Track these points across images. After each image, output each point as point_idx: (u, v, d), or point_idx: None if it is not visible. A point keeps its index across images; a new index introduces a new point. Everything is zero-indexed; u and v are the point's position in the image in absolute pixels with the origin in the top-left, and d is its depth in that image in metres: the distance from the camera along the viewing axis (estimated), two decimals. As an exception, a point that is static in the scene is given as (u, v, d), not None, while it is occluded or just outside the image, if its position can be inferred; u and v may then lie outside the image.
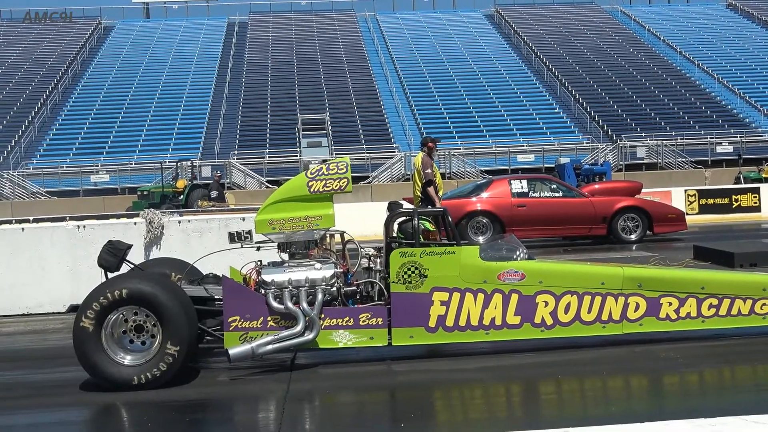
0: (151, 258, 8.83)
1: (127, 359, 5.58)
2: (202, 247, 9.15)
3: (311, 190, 6.05)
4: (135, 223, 9.76)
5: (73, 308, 9.45)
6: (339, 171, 6.09)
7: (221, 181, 25.40)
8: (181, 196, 24.62)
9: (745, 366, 5.92)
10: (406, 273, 5.98)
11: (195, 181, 27.12)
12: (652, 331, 6.25)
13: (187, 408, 5.31)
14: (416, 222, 6.20)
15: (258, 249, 6.50)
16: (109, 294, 5.52)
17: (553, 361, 6.10)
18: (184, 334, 5.55)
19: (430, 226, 6.58)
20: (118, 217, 11.05)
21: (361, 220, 15.28)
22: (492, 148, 34.90)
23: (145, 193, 26.41)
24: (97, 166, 33.74)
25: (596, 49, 46.00)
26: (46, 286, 9.53)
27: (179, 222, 9.88)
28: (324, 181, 6.06)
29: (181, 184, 25.92)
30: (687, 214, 16.67)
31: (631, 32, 49.85)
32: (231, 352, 5.68)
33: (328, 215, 6.08)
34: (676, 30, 49.63)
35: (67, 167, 33.64)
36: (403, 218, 6.46)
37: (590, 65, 43.66)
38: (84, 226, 9.69)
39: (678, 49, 46.26)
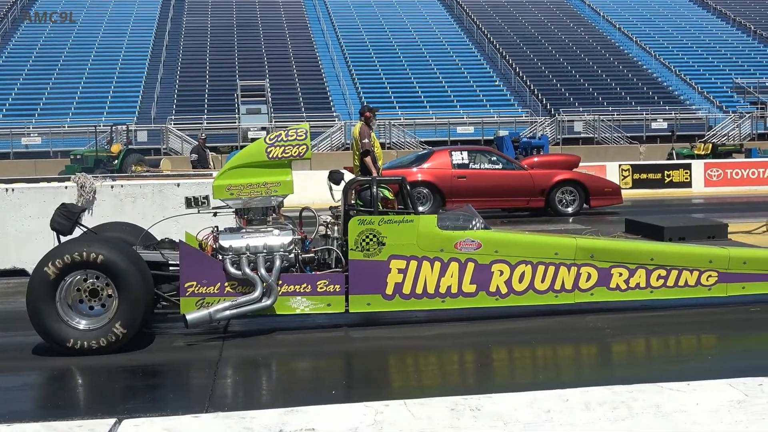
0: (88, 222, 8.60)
1: (80, 323, 5.49)
2: (135, 212, 9.03)
3: (270, 156, 6.01)
4: (66, 187, 9.48)
5: (0, 273, 9.25)
6: (298, 137, 6.05)
7: (206, 145, 22.56)
8: (116, 161, 24.04)
9: (671, 337, 6.08)
10: (364, 240, 6.00)
11: (130, 146, 26.56)
12: (603, 301, 6.40)
13: (120, 373, 5.23)
14: (375, 190, 6.23)
15: (215, 215, 6.43)
16: (85, 253, 5.43)
17: (505, 329, 6.22)
18: (137, 320, 5.50)
19: (389, 195, 6.62)
20: (48, 180, 10.75)
21: (300, 188, 15.13)
22: (432, 119, 35.01)
23: (78, 156, 25.73)
24: (29, 128, 32.71)
25: (537, 24, 46.33)
26: None
27: (112, 187, 9.66)
28: (283, 147, 6.02)
29: (115, 148, 25.24)
30: (621, 188, 17.00)
31: (571, 8, 50.29)
32: (188, 317, 5.64)
33: (287, 182, 6.06)
34: (616, 7, 50.21)
35: (-4, 129, 32.64)
36: (362, 186, 6.46)
37: (531, 39, 43.97)
38: (13, 189, 9.42)
39: (617, 26, 46.89)
